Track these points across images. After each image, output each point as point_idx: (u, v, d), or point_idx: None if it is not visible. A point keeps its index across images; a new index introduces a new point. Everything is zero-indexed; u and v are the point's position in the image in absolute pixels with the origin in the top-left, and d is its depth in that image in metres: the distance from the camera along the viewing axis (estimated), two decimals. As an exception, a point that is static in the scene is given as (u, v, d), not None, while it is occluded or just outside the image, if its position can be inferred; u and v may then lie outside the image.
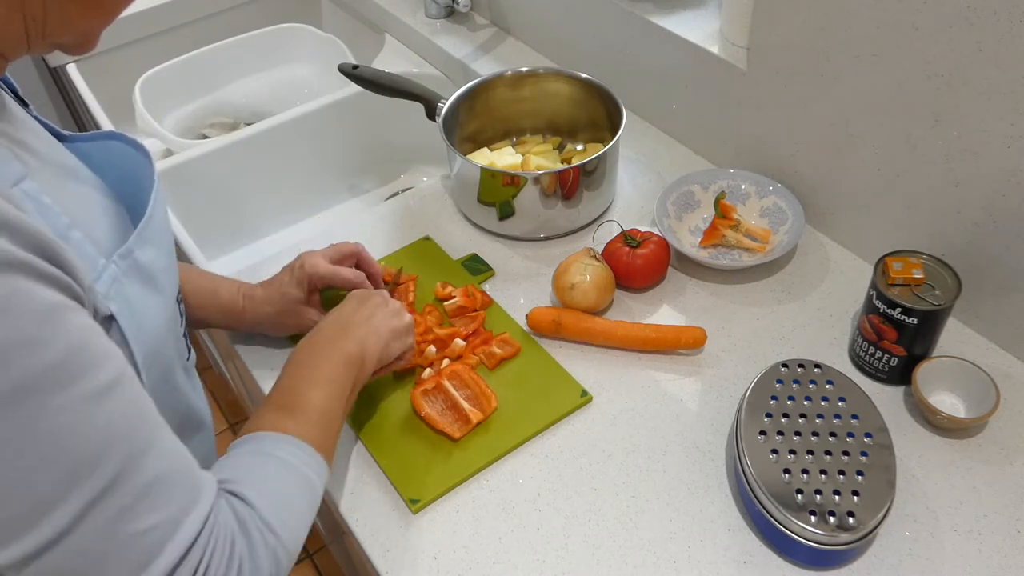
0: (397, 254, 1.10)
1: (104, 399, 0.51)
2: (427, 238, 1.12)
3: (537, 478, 0.85)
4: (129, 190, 0.68)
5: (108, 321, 0.59)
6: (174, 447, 0.57)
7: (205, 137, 1.53)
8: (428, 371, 0.93)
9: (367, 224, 1.15)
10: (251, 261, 1.11)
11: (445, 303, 1.01)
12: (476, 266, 1.07)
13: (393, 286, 1.00)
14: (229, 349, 1.02)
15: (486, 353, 0.95)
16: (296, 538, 0.64)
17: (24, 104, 0.68)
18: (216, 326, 0.96)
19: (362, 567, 1.19)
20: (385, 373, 0.87)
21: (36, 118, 0.68)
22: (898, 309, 0.85)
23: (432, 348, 0.95)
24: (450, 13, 1.55)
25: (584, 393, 0.91)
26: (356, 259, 0.97)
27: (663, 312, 1.01)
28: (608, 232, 1.10)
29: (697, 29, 1.15)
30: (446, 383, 0.91)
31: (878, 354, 0.89)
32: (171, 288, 0.68)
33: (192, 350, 0.76)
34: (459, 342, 0.95)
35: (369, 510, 0.83)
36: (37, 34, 0.57)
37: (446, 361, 0.94)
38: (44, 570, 0.50)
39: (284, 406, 0.73)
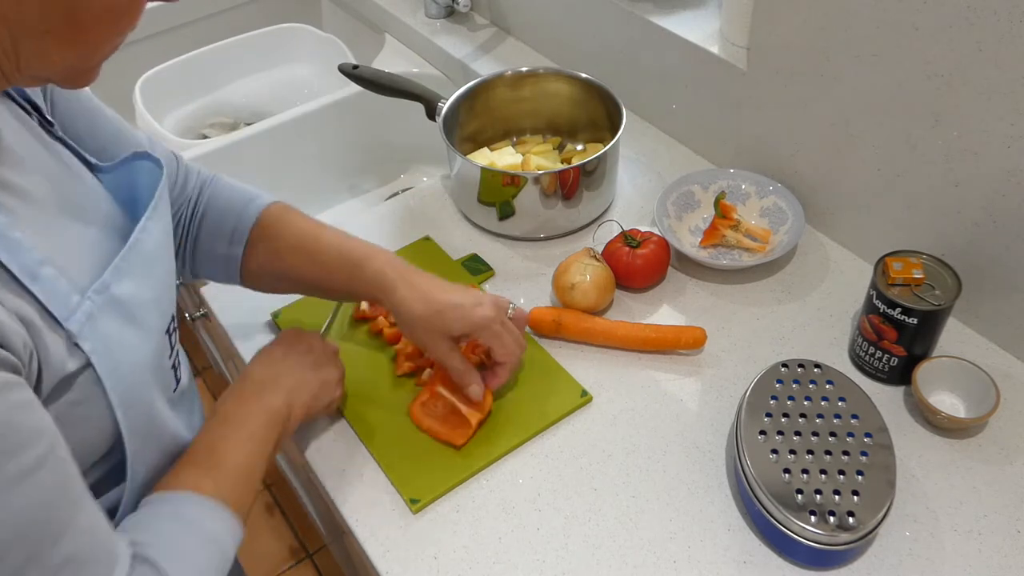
0: (397, 254, 1.09)
1: (20, 486, 0.49)
2: (427, 238, 1.12)
3: (537, 478, 0.85)
4: (129, 205, 0.68)
5: (78, 372, 0.57)
6: (90, 524, 0.55)
7: (205, 137, 1.53)
8: (428, 371, 0.93)
9: (367, 224, 1.15)
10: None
11: None
12: (476, 266, 1.07)
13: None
14: (229, 349, 1.02)
15: (487, 354, 0.95)
16: None
17: (49, 124, 0.67)
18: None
19: (362, 567, 1.19)
20: (309, 420, 0.85)
21: (65, 143, 0.67)
22: (898, 309, 0.85)
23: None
24: (450, 13, 1.55)
25: (584, 393, 0.91)
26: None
27: (663, 312, 1.01)
28: (608, 232, 1.10)
29: (697, 29, 1.15)
30: (441, 390, 0.90)
31: (878, 354, 0.89)
32: (159, 321, 0.66)
33: (181, 379, 0.73)
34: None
35: (369, 510, 0.83)
36: (12, 68, 0.53)
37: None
38: None
39: (204, 464, 0.70)
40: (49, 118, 0.67)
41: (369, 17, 1.68)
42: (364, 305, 1.00)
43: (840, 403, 0.82)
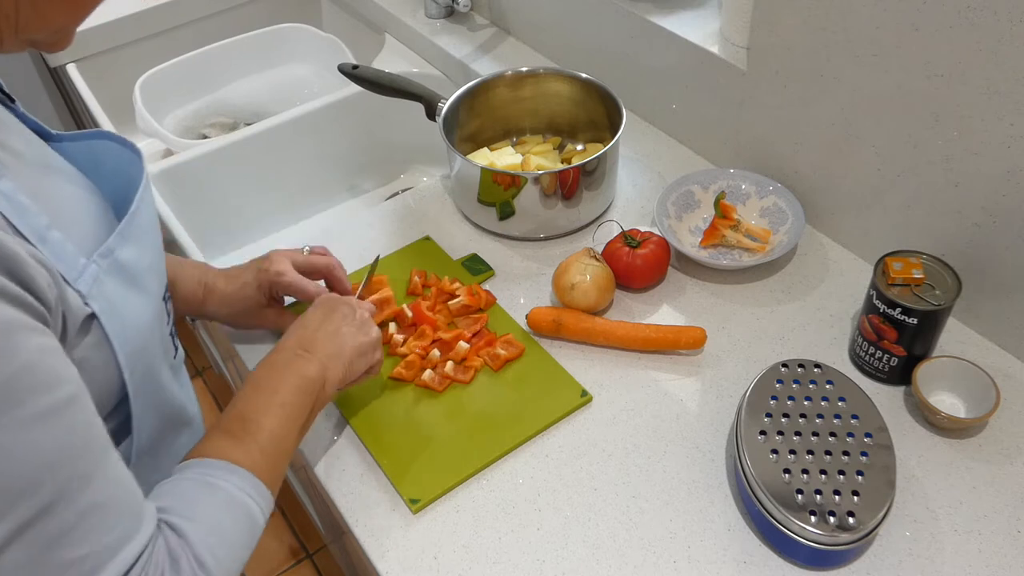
0: (397, 254, 1.10)
1: (47, 423, 0.50)
2: (427, 238, 1.12)
3: (537, 478, 0.85)
4: (116, 189, 0.68)
5: (90, 321, 0.58)
6: (118, 476, 0.56)
7: (205, 137, 1.53)
8: (429, 373, 0.93)
9: (367, 224, 1.15)
10: (251, 261, 1.11)
11: (449, 302, 1.00)
12: (476, 266, 1.07)
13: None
14: (229, 349, 1.02)
15: (491, 355, 0.95)
16: (228, 573, 0.62)
17: (11, 100, 0.67)
18: (178, 313, 0.94)
19: (362, 567, 1.19)
20: (350, 387, 0.86)
21: (22, 116, 0.68)
22: (898, 309, 0.85)
23: (436, 352, 0.95)
24: (450, 13, 1.55)
25: (584, 393, 0.91)
26: (327, 275, 0.95)
27: (663, 312, 1.01)
28: (608, 232, 1.10)
29: (697, 29, 1.15)
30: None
31: (878, 354, 0.89)
32: (157, 287, 0.67)
33: (179, 348, 0.75)
34: (463, 344, 0.95)
35: (369, 510, 0.83)
36: (10, 31, 0.56)
37: (450, 364, 0.94)
38: None
39: (236, 432, 0.70)
40: (9, 93, 0.68)
41: (369, 17, 1.68)
42: None
43: (840, 403, 0.82)
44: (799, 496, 0.75)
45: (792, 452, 0.78)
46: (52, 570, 0.51)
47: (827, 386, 0.84)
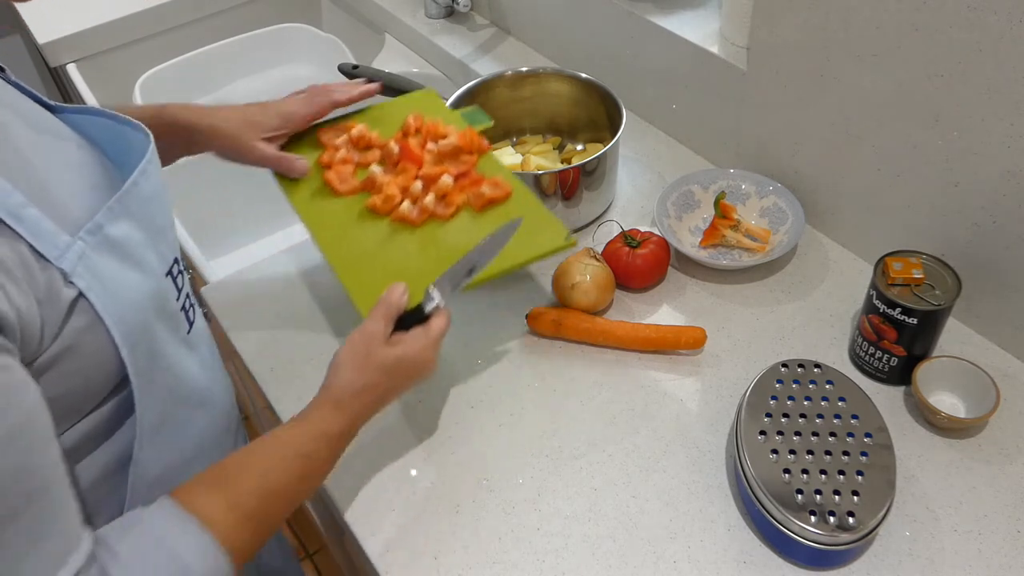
0: (397, 101, 1.07)
1: None
2: (429, 89, 1.08)
3: (537, 478, 0.85)
4: (121, 159, 0.67)
5: (76, 300, 0.57)
6: (57, 507, 0.54)
7: (205, 137, 1.53)
8: (408, 205, 0.90)
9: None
10: (251, 261, 1.12)
11: (439, 142, 0.97)
12: (476, 116, 1.04)
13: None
14: (230, 349, 1.02)
15: (475, 194, 0.91)
16: None
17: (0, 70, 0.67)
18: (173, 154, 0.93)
19: (362, 567, 1.19)
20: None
21: (16, 84, 0.67)
22: (898, 309, 0.85)
23: (418, 184, 0.92)
24: (450, 13, 1.55)
25: (568, 237, 0.87)
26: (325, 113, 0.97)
27: (663, 312, 1.01)
28: (608, 232, 1.10)
29: (697, 29, 1.15)
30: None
31: (878, 354, 0.89)
32: (158, 263, 0.66)
33: (196, 321, 0.73)
34: (447, 179, 0.91)
35: (369, 510, 0.83)
36: None
37: (431, 197, 0.90)
38: None
39: (223, 485, 0.64)
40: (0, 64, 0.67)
41: (369, 17, 1.68)
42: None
43: (840, 403, 0.82)
44: (799, 496, 0.75)
45: (792, 452, 0.78)
46: None
47: (827, 386, 0.84)
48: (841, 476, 0.76)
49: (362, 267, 0.86)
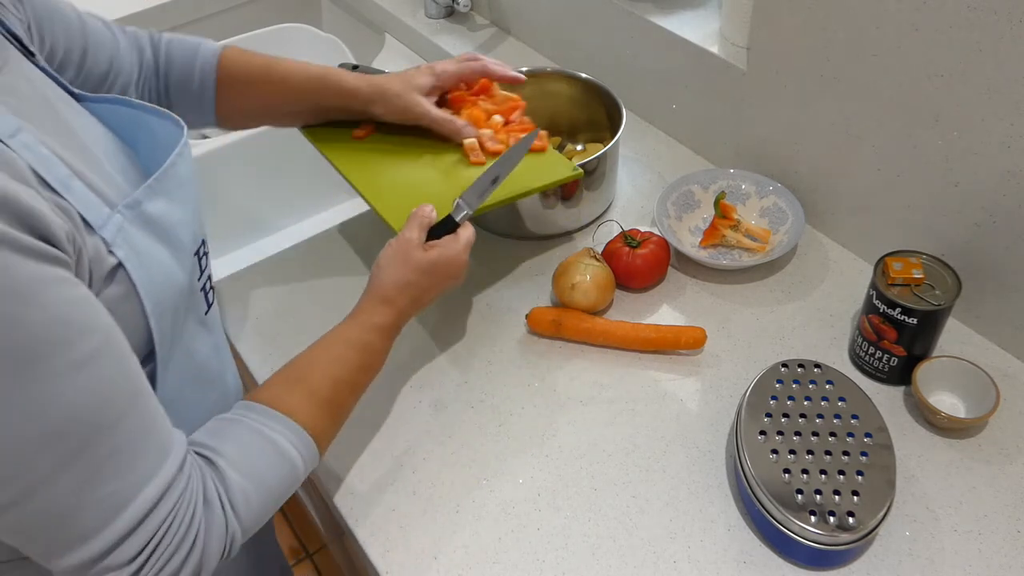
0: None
1: (79, 372, 0.51)
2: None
3: (537, 478, 0.85)
4: (143, 148, 0.69)
5: (115, 271, 0.59)
6: (144, 420, 0.57)
7: (205, 137, 1.53)
8: (487, 131, 0.98)
9: (367, 224, 1.15)
10: (252, 260, 1.12)
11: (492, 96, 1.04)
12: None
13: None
14: (229, 349, 1.01)
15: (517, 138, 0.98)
16: (258, 521, 0.65)
17: (30, 54, 0.67)
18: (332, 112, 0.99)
19: (362, 567, 1.19)
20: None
21: (45, 70, 0.68)
22: (898, 309, 0.85)
23: (499, 117, 1.01)
24: (450, 13, 1.55)
25: (575, 168, 0.95)
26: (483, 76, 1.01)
27: (663, 312, 1.01)
28: (608, 232, 1.10)
29: (697, 29, 1.15)
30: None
31: (878, 354, 0.89)
32: (189, 243, 0.68)
33: (213, 303, 0.75)
34: (497, 118, 1.00)
35: (369, 510, 0.83)
36: None
37: (488, 131, 0.98)
38: (2, 526, 0.52)
39: (295, 380, 0.73)
40: (31, 48, 0.68)
41: (369, 17, 1.68)
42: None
43: (840, 403, 0.82)
44: (799, 496, 0.75)
45: (792, 452, 0.78)
46: (76, 511, 0.53)
47: (827, 386, 0.84)
48: (841, 476, 0.76)
49: (392, 193, 0.92)
